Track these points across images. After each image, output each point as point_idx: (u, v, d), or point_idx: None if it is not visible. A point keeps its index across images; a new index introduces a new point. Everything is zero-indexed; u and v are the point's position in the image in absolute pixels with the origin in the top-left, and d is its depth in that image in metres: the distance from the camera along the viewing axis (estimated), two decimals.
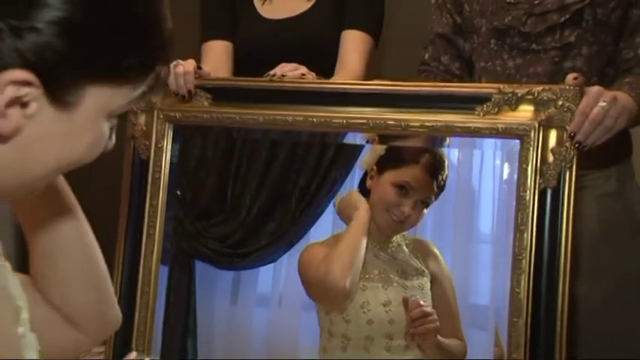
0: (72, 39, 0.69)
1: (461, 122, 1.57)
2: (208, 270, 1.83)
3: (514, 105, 1.54)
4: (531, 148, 1.52)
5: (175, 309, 1.76)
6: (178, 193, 1.76)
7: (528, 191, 1.52)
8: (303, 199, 1.79)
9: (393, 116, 1.60)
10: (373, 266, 1.68)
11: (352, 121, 1.63)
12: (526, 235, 1.51)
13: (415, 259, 1.70)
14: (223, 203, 1.83)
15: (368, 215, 1.67)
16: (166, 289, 1.73)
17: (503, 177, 1.66)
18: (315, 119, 1.64)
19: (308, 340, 1.76)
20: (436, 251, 1.71)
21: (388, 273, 1.68)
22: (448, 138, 1.65)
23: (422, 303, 1.63)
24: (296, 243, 1.79)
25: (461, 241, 1.78)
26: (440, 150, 1.69)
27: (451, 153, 1.70)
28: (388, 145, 1.69)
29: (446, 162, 1.68)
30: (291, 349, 1.81)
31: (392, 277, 1.68)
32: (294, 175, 1.79)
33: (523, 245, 1.51)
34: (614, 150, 1.62)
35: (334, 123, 1.63)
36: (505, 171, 1.64)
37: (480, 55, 1.77)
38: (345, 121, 1.63)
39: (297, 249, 1.77)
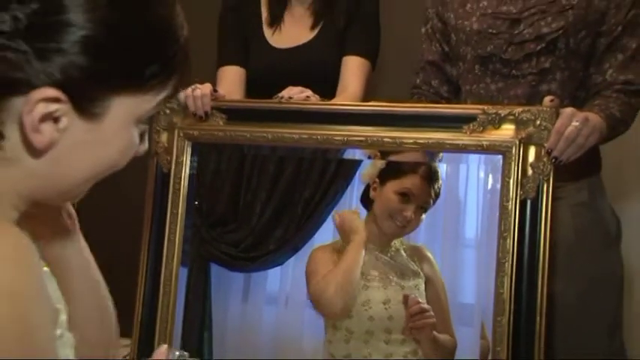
0: (95, 55, 0.68)
1: (450, 139, 1.57)
2: (222, 272, 1.82)
3: (497, 124, 1.55)
4: (513, 163, 1.52)
5: (193, 307, 1.75)
6: (196, 203, 1.75)
7: (510, 201, 1.52)
8: (307, 209, 1.78)
9: (389, 134, 1.61)
10: (374, 268, 1.68)
11: (352, 139, 1.64)
12: (509, 241, 1.52)
13: (412, 263, 1.70)
14: (236, 212, 1.82)
15: (364, 238, 1.67)
16: (185, 289, 1.72)
17: (487, 188, 1.64)
18: (318, 137, 1.65)
19: (312, 335, 1.76)
20: (430, 256, 1.71)
21: (387, 274, 1.68)
22: (441, 153, 1.65)
23: (420, 300, 1.63)
24: (301, 247, 1.77)
25: (449, 246, 1.76)
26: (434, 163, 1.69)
27: (440, 167, 1.70)
28: (387, 160, 1.68)
29: (439, 172, 1.68)
30: (296, 343, 1.80)
31: (391, 278, 1.67)
32: (299, 187, 1.78)
33: (506, 250, 1.52)
34: (586, 165, 1.62)
35: (335, 140, 1.64)
36: (489, 183, 1.63)
37: (466, 80, 1.77)
38: (346, 139, 1.64)
39: (302, 253, 1.76)
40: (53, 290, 0.74)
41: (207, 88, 1.68)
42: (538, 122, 1.52)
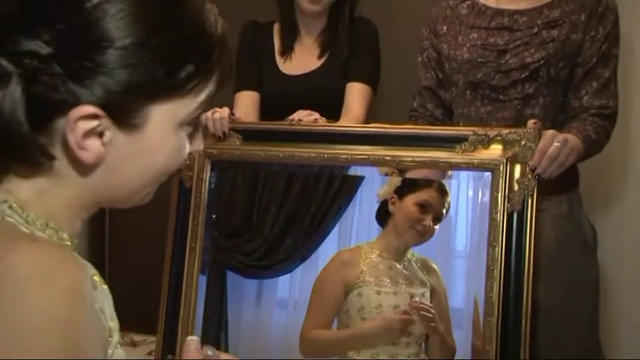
0: (129, 68, 0.64)
1: (444, 158, 1.59)
2: (237, 279, 1.81)
3: (486, 144, 1.56)
4: (501, 179, 1.53)
5: (211, 309, 1.75)
6: (214, 216, 1.75)
7: (499, 214, 1.53)
8: (313, 221, 1.77)
9: (389, 152, 1.62)
10: (387, 276, 1.68)
11: (355, 157, 1.65)
12: (497, 250, 1.52)
13: (420, 273, 1.69)
14: (250, 224, 1.82)
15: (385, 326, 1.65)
16: (204, 294, 1.73)
17: (477, 202, 1.63)
18: (325, 155, 1.66)
19: None
20: (436, 267, 1.70)
21: (398, 282, 1.68)
22: (450, 171, 1.64)
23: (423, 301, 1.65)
24: (308, 257, 1.77)
25: (442, 255, 1.74)
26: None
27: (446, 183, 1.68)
28: (403, 177, 1.68)
29: (448, 187, 1.67)
30: None
31: (401, 286, 1.67)
32: (306, 202, 1.77)
33: (495, 258, 1.52)
34: (565, 180, 1.63)
35: (341, 158, 1.65)
36: (479, 198, 1.62)
37: (458, 104, 1.77)
38: (350, 157, 1.65)
39: (309, 261, 1.76)
40: (109, 307, 0.70)
41: (225, 112, 1.70)
42: (523, 142, 1.53)
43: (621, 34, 1.71)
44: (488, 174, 1.56)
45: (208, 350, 0.84)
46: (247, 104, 1.92)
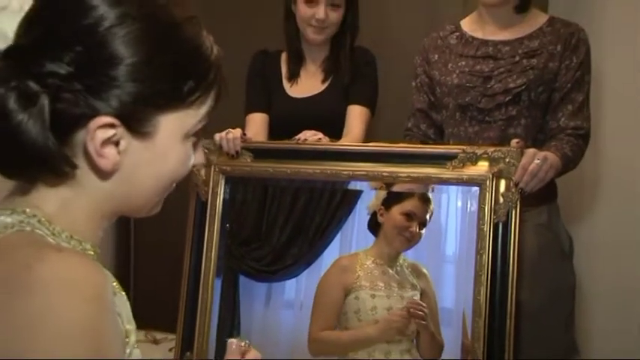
0: (138, 81, 0.66)
1: (436, 174, 1.61)
2: (249, 282, 1.83)
3: (474, 161, 1.58)
4: (487, 193, 1.55)
5: (225, 310, 1.75)
6: (228, 226, 1.76)
7: (486, 224, 1.54)
8: (317, 231, 1.78)
9: (386, 169, 1.64)
10: (381, 280, 1.70)
11: (356, 173, 1.67)
12: (484, 257, 1.54)
13: (411, 277, 1.71)
14: (259, 233, 1.83)
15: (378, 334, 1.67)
16: (219, 296, 1.73)
17: (466, 214, 1.63)
18: (328, 171, 1.68)
19: None
20: (426, 272, 1.72)
21: (391, 286, 1.69)
22: (432, 185, 1.67)
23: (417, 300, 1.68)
24: (312, 263, 1.78)
25: (433, 261, 1.75)
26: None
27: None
28: (389, 191, 1.70)
29: (431, 197, 1.70)
30: None
31: (393, 289, 1.69)
32: (310, 213, 1.78)
33: (482, 264, 1.54)
34: (545, 193, 1.65)
35: (342, 174, 1.67)
36: (467, 209, 1.63)
37: (448, 124, 1.79)
38: (351, 173, 1.67)
39: (313, 266, 1.77)
40: (126, 311, 0.71)
41: (237, 132, 1.73)
42: (507, 160, 1.55)
43: (592, 63, 1.74)
44: (476, 188, 1.58)
45: (242, 342, 0.88)
46: (258, 125, 1.94)
